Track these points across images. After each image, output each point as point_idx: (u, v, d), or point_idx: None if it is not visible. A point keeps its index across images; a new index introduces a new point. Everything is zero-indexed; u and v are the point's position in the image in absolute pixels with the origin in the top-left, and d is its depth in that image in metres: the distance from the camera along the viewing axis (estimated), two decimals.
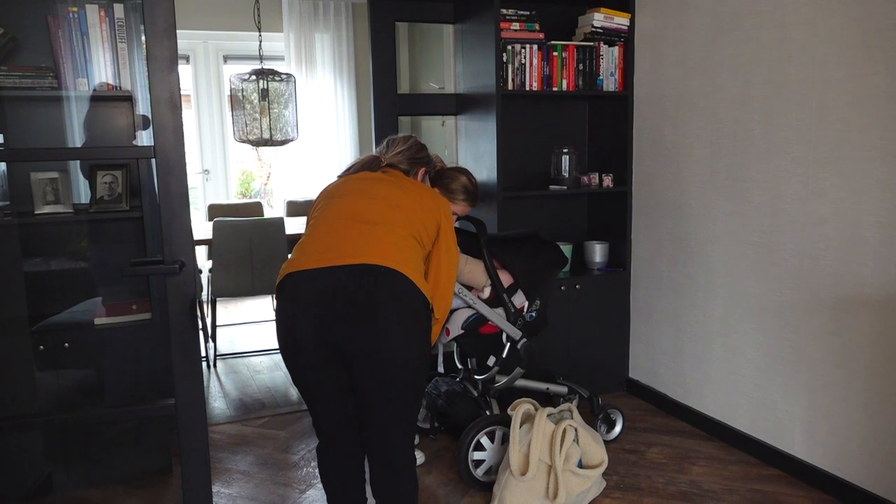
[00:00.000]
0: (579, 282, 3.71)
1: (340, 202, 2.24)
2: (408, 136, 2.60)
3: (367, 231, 2.11)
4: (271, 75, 4.83)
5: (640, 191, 3.72)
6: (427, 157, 2.59)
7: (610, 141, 3.87)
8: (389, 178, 2.34)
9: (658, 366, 3.70)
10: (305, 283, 2.04)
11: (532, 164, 3.89)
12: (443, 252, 2.30)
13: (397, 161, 2.48)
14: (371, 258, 2.04)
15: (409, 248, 2.14)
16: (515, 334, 2.92)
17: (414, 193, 2.30)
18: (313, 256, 2.07)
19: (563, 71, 3.58)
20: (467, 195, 2.86)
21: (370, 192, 2.26)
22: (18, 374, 2.79)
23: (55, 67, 2.74)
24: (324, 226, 2.17)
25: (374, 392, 2.07)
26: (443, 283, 2.28)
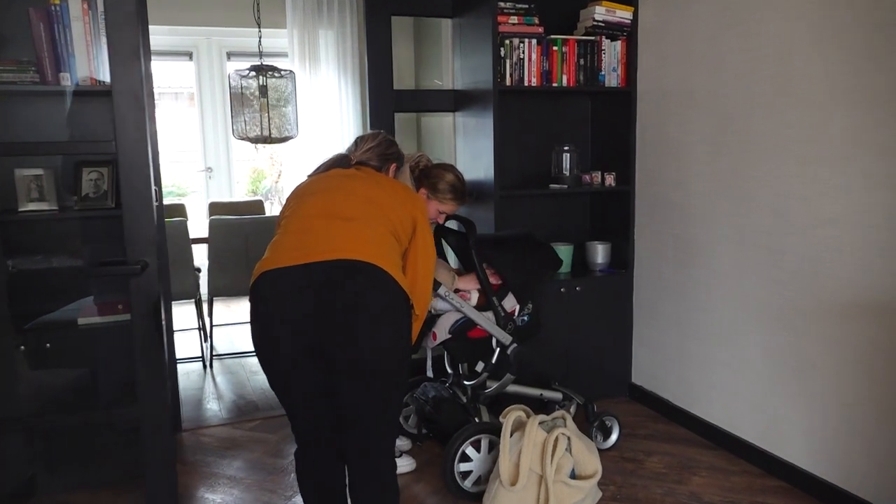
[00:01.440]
0: (580, 283, 3.60)
1: (313, 199, 2.17)
2: (376, 132, 2.54)
3: (344, 227, 2.03)
4: (270, 71, 4.76)
5: (643, 190, 3.60)
6: (397, 153, 2.52)
7: (612, 138, 3.76)
8: (362, 175, 2.27)
9: (661, 370, 3.58)
10: (280, 281, 1.96)
11: (532, 162, 3.78)
12: (420, 248, 2.21)
13: (367, 158, 2.42)
14: (349, 253, 1.96)
15: (387, 243, 2.06)
16: (505, 339, 2.83)
17: (388, 189, 2.23)
18: (287, 254, 2.00)
19: (564, 66, 3.47)
20: (455, 193, 2.77)
21: (344, 188, 2.19)
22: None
23: (37, 62, 2.68)
24: (297, 223, 2.09)
25: (355, 393, 1.99)
26: (421, 278, 2.20)
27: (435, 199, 2.78)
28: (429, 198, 2.78)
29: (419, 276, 2.19)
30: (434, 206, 2.79)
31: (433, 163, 2.86)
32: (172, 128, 6.86)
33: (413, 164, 2.82)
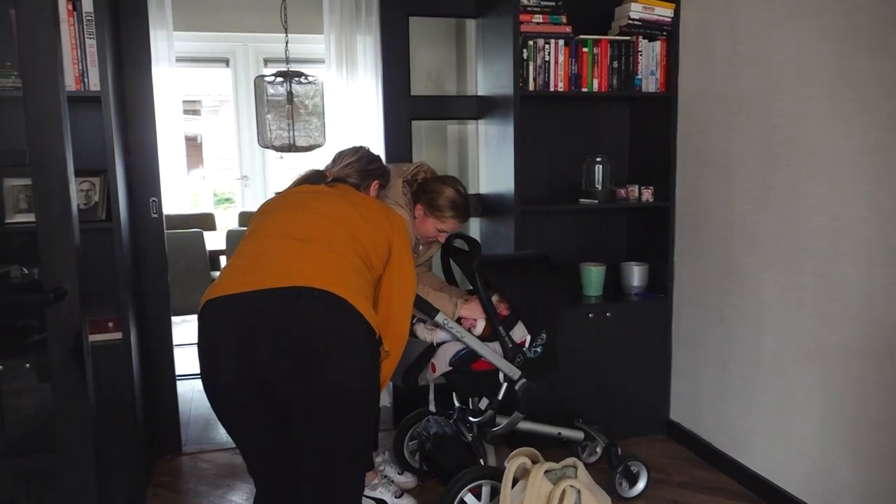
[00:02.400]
0: (612, 308, 3.25)
1: (274, 217, 1.94)
2: (358, 147, 2.32)
3: (300, 249, 1.79)
4: (297, 77, 4.58)
5: (683, 206, 3.24)
6: (380, 170, 2.29)
7: (650, 149, 3.41)
8: (333, 192, 2.04)
9: (701, 408, 3.20)
10: (225, 310, 1.73)
11: (560, 174, 3.46)
12: (395, 275, 1.95)
13: (345, 175, 2.19)
14: (302, 280, 1.71)
15: (352, 268, 1.80)
16: (513, 373, 2.52)
17: (361, 208, 1.98)
18: (235, 280, 1.77)
19: (595, 69, 3.15)
20: (455, 210, 2.49)
21: (309, 205, 1.95)
22: None
23: (20, 66, 2.54)
24: (251, 244, 1.86)
25: (309, 439, 1.75)
26: (396, 310, 1.94)
27: (432, 217, 2.51)
28: (426, 215, 2.51)
29: (393, 307, 1.93)
30: (432, 224, 2.53)
31: (434, 175, 2.59)
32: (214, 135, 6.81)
33: (410, 176, 2.56)
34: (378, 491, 2.76)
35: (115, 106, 2.73)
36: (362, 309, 1.73)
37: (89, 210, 2.81)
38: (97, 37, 2.56)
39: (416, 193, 2.53)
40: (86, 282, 2.90)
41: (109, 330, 2.80)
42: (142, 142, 3.05)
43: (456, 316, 2.54)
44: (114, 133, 2.68)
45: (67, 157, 1.49)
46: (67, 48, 2.57)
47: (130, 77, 3.02)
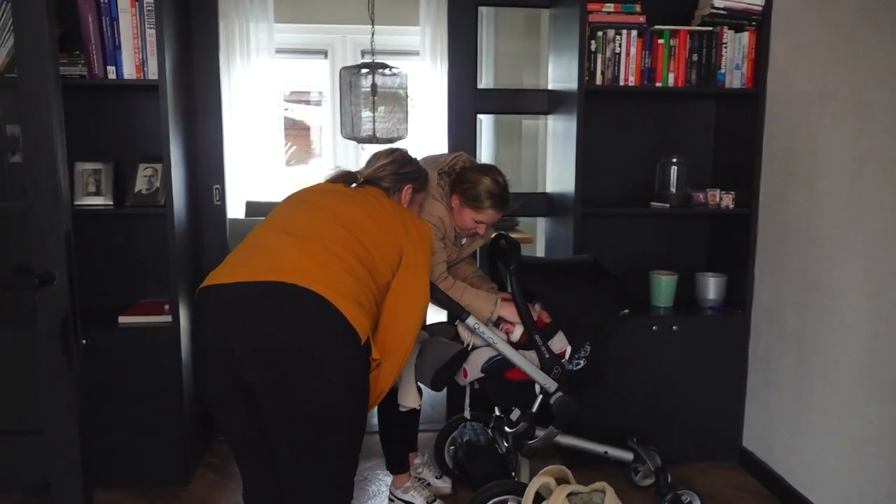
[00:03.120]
0: (680, 322, 3.00)
1: (282, 211, 1.91)
2: (393, 149, 2.23)
3: (292, 244, 1.74)
4: (381, 69, 4.57)
5: (766, 214, 2.93)
6: (415, 173, 2.20)
7: (732, 151, 3.12)
8: (351, 193, 1.97)
9: (774, 438, 2.90)
10: (213, 300, 1.70)
11: (633, 176, 3.23)
12: (403, 285, 1.87)
13: (378, 177, 2.12)
14: (285, 275, 1.65)
15: (345, 270, 1.72)
16: (549, 386, 2.36)
17: (375, 212, 1.90)
18: (227, 269, 1.74)
19: (671, 62, 2.90)
20: (493, 200, 2.36)
21: (318, 202, 1.90)
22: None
23: (85, 55, 2.65)
24: (253, 236, 1.83)
25: (287, 444, 1.69)
26: (402, 321, 1.85)
27: (469, 208, 2.39)
28: (462, 206, 2.40)
29: (399, 318, 1.85)
30: (469, 216, 2.40)
31: (472, 164, 2.47)
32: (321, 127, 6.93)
33: (447, 167, 2.45)
34: (410, 494, 2.69)
35: (177, 94, 2.80)
36: (346, 311, 1.64)
37: (150, 195, 2.90)
38: (156, 27, 2.62)
39: (452, 184, 2.42)
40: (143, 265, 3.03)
41: (165, 312, 2.88)
42: (207, 130, 3.12)
43: (495, 316, 2.41)
44: (173, 121, 2.74)
45: (57, 142, 1.50)
46: (129, 38, 2.65)
47: (199, 66, 3.09)
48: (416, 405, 2.47)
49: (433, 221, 2.36)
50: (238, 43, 5.60)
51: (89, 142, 2.96)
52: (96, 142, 2.97)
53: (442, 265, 2.41)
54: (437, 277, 2.38)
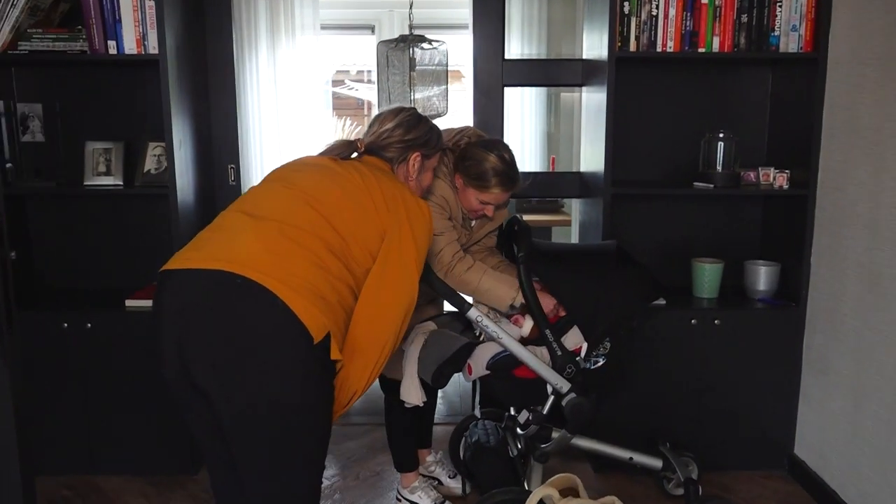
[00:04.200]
0: (723, 315, 2.70)
1: (256, 189, 1.76)
2: (398, 108, 1.98)
3: (248, 228, 1.57)
4: (420, 42, 4.37)
5: (826, 195, 2.60)
6: (424, 136, 1.94)
7: (788, 124, 2.78)
8: (334, 168, 1.76)
9: (829, 448, 2.58)
10: (168, 288, 1.56)
11: (674, 154, 2.93)
12: (381, 273, 1.66)
13: (381, 146, 1.89)
14: (234, 265, 1.49)
15: (304, 259, 1.54)
16: (562, 386, 2.14)
17: (357, 190, 1.70)
18: (185, 253, 1.61)
19: (716, 25, 2.59)
20: (499, 178, 2.14)
21: (292, 180, 1.72)
22: None
23: (86, 29, 2.56)
24: (220, 215, 1.68)
25: (242, 451, 1.55)
26: (376, 316, 1.65)
27: (472, 188, 2.17)
28: (465, 185, 2.18)
29: (375, 311, 1.65)
30: (473, 196, 2.18)
31: (478, 139, 2.24)
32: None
33: (452, 143, 2.23)
34: (416, 495, 2.52)
35: (184, 70, 2.69)
36: (296, 307, 1.47)
37: (159, 175, 2.80)
38: None
39: (455, 162, 2.21)
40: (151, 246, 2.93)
41: None
42: (220, 108, 3.00)
43: (518, 302, 2.19)
44: (179, 98, 2.63)
45: None
46: (129, 10, 2.54)
47: (211, 42, 2.97)
48: (418, 402, 2.29)
49: (436, 201, 2.16)
50: (283, 19, 5.50)
51: (102, 120, 2.89)
52: (109, 120, 2.89)
53: (453, 245, 2.19)
54: (451, 259, 2.17)
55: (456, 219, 2.23)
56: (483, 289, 2.15)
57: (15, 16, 2.51)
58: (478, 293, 2.17)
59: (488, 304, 2.19)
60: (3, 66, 2.75)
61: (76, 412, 2.72)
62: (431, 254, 2.15)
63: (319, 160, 1.82)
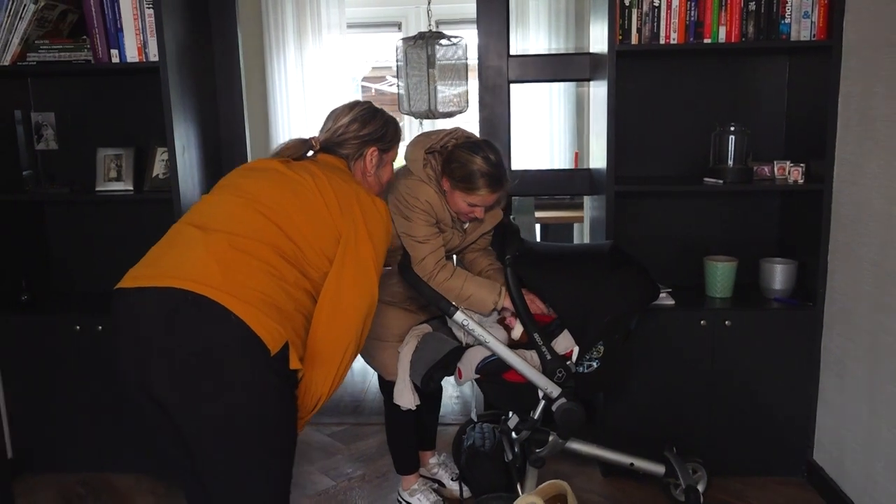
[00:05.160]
0: (734, 316, 2.61)
1: (206, 198, 1.74)
2: (353, 103, 1.94)
3: (198, 241, 1.56)
4: (438, 39, 4.33)
5: (841, 191, 2.47)
6: (380, 130, 1.91)
7: (803, 116, 2.66)
8: (284, 172, 1.73)
9: (846, 454, 2.47)
10: (121, 308, 1.57)
11: (684, 149, 2.84)
12: (338, 276, 1.64)
13: (337, 143, 1.87)
14: (183, 281, 1.49)
15: (257, 269, 1.54)
16: (551, 391, 2.09)
17: (308, 193, 1.67)
18: (137, 270, 1.61)
19: (722, 14, 2.48)
20: (486, 178, 2.10)
21: (241, 187, 1.71)
22: None
23: (89, 39, 2.61)
24: (172, 228, 1.69)
25: (204, 465, 1.57)
26: (335, 320, 1.64)
27: (459, 190, 2.13)
28: (452, 188, 2.14)
29: (333, 316, 1.63)
30: (460, 198, 2.14)
31: (465, 141, 2.19)
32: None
33: (439, 146, 2.19)
34: (416, 497, 2.51)
35: (187, 75, 2.71)
36: (249, 319, 1.46)
37: (167, 180, 2.84)
38: (154, 6, 2.53)
39: (443, 165, 2.17)
40: None
41: None
42: (226, 111, 3.03)
43: (499, 306, 2.16)
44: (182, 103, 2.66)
45: None
46: (130, 19, 2.58)
47: (217, 46, 2.99)
48: (411, 405, 2.28)
49: (421, 206, 2.13)
50: (309, 19, 5.54)
51: (113, 127, 2.95)
52: (120, 127, 2.95)
53: (437, 253, 2.17)
54: (434, 268, 2.16)
55: (444, 222, 2.20)
56: (465, 295, 2.12)
57: (23, 28, 2.58)
58: (460, 300, 2.13)
59: (473, 310, 2.15)
60: (17, 77, 2.84)
61: (91, 412, 2.78)
62: (414, 261, 2.13)
63: (269, 164, 1.78)
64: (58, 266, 3.04)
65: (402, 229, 2.15)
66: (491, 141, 2.19)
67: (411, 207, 2.12)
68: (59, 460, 2.85)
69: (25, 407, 2.81)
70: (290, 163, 1.78)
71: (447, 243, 2.25)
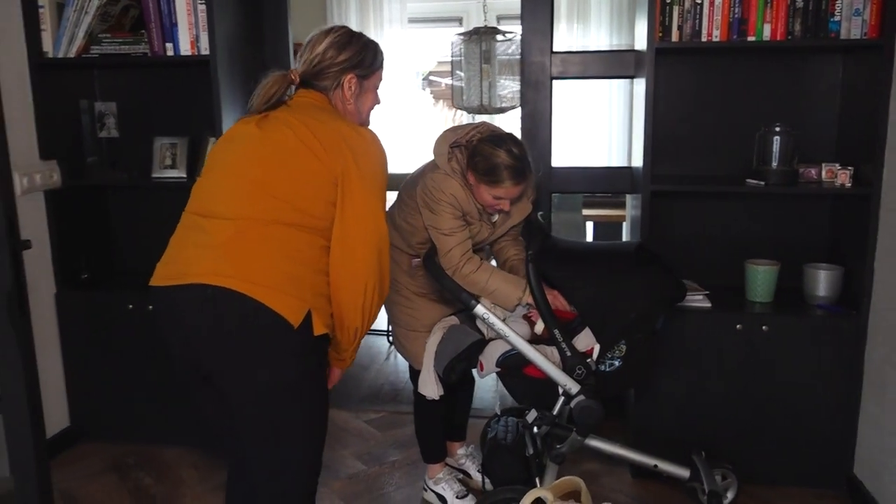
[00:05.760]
0: (773, 322, 2.54)
1: (201, 183, 1.74)
2: (329, 28, 1.82)
3: (205, 232, 1.63)
4: (493, 34, 4.36)
5: (890, 195, 2.38)
6: (357, 58, 1.79)
7: (855, 117, 2.56)
8: (264, 135, 1.67)
9: (885, 470, 2.38)
10: (156, 304, 1.69)
11: (728, 149, 2.78)
12: (340, 216, 1.65)
13: (314, 73, 1.78)
14: (200, 276, 1.58)
15: (266, 248, 1.60)
16: (570, 387, 2.10)
17: (293, 150, 1.63)
18: (161, 269, 1.70)
19: (767, 11, 2.42)
20: (509, 171, 2.11)
21: (227, 162, 1.69)
22: None
23: (147, 32, 2.75)
24: (186, 216, 1.75)
25: (242, 426, 1.70)
26: (346, 253, 1.66)
27: (484, 184, 2.15)
28: (478, 182, 2.17)
29: (350, 249, 1.65)
30: (486, 192, 2.16)
31: (490, 135, 2.21)
32: None
33: (465, 140, 2.22)
34: (440, 486, 2.55)
35: (237, 69, 2.83)
36: (268, 300, 1.55)
37: None
38: (206, 2, 2.65)
39: (467, 159, 2.20)
40: None
41: None
42: None
43: (524, 302, 2.18)
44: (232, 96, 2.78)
45: None
46: (184, 14, 2.70)
47: (269, 40, 3.10)
48: (434, 395, 2.32)
49: (447, 200, 2.17)
50: (372, 13, 5.64)
51: (169, 117, 3.09)
52: (176, 117, 3.09)
53: (463, 245, 2.20)
54: (459, 260, 2.19)
55: (470, 215, 2.23)
56: (490, 289, 2.15)
57: (88, 22, 2.74)
58: (485, 293, 2.16)
59: (497, 304, 2.18)
60: (83, 69, 3.01)
61: (142, 387, 2.94)
62: (441, 252, 2.17)
63: (244, 129, 1.71)
64: (117, 247, 3.22)
65: (429, 222, 2.19)
66: (515, 135, 2.20)
67: (437, 201, 2.15)
68: (111, 431, 3.03)
69: (83, 379, 3.00)
70: (264, 120, 1.71)
71: (475, 236, 2.28)
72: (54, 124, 2.86)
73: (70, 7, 2.73)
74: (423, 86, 7.87)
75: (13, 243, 1.58)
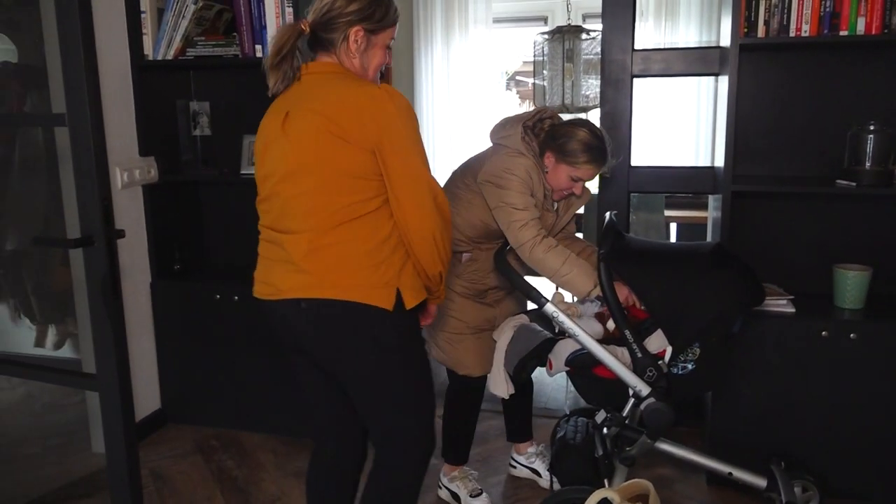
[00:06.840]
0: (862, 329, 2.42)
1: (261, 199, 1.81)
2: None
3: (284, 244, 1.71)
4: (576, 33, 4.33)
5: None
6: (367, 11, 1.72)
7: None
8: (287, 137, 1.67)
9: None
10: (273, 318, 1.81)
11: (818, 149, 2.66)
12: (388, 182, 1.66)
13: (323, 23, 1.72)
14: (292, 291, 1.71)
15: (340, 252, 1.67)
16: (640, 389, 2.07)
17: (323, 143, 1.62)
18: (259, 285, 1.83)
19: (861, 4, 2.31)
20: (591, 153, 2.15)
21: (279, 178, 1.70)
22: None
23: (238, 35, 2.88)
24: (263, 229, 1.83)
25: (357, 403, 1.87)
26: (405, 213, 1.67)
27: (565, 164, 2.17)
28: (557, 162, 2.19)
29: (405, 208, 1.67)
30: (565, 173, 2.19)
31: (560, 119, 2.23)
32: None
33: (532, 122, 2.23)
34: (455, 484, 2.58)
35: None
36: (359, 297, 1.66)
37: None
38: (293, 5, 2.75)
39: (544, 141, 2.22)
40: None
41: None
42: None
43: (594, 294, 2.16)
44: None
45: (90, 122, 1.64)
46: (273, 17, 2.82)
47: None
48: (504, 394, 2.34)
49: (521, 175, 2.18)
50: (457, 13, 5.68)
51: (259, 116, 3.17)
52: None
53: (537, 222, 2.18)
54: (536, 236, 2.16)
55: (537, 196, 2.23)
56: (562, 273, 2.13)
57: (185, 26, 2.90)
58: (556, 277, 2.15)
59: (565, 290, 2.18)
60: (180, 70, 3.18)
61: (228, 374, 3.09)
62: (513, 228, 2.17)
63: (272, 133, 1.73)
64: (208, 240, 3.39)
65: (500, 200, 2.18)
66: None
67: (508, 178, 2.16)
68: (197, 415, 3.19)
69: (173, 364, 3.17)
70: (287, 121, 1.69)
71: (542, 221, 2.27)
72: (153, 123, 3.03)
73: (169, 12, 2.89)
74: (509, 85, 7.87)
75: (109, 232, 1.69)
